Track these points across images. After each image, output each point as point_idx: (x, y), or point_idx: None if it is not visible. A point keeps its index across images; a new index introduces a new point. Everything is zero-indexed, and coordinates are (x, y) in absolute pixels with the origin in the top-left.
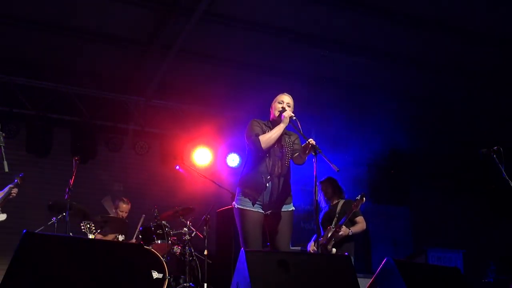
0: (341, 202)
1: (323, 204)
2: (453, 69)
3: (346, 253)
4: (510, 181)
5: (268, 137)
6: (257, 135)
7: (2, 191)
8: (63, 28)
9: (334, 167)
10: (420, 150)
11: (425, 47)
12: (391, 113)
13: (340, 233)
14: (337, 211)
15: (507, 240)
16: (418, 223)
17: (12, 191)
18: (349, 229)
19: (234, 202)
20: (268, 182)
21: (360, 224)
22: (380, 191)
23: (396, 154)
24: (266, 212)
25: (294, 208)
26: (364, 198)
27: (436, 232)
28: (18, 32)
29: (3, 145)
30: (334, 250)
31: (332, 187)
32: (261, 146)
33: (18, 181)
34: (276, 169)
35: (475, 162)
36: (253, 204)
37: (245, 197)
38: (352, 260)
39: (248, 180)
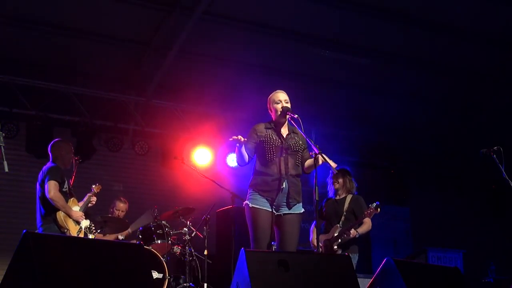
0: (349, 197)
1: (330, 193)
2: (453, 68)
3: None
4: (510, 181)
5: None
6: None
7: (82, 201)
8: (63, 28)
9: (333, 169)
10: (420, 150)
11: (427, 47)
12: (391, 113)
13: (351, 235)
14: (344, 208)
15: (507, 240)
16: (418, 223)
17: (91, 199)
18: (357, 231)
19: (246, 201)
20: (284, 182)
21: (367, 224)
22: (380, 191)
23: (396, 154)
24: (278, 213)
25: (304, 211)
26: (379, 209)
27: (436, 232)
28: (18, 32)
29: (3, 145)
30: (340, 250)
31: (343, 179)
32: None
33: (95, 189)
34: (289, 169)
35: (475, 162)
36: (270, 205)
37: (261, 196)
38: (356, 259)
39: (263, 181)
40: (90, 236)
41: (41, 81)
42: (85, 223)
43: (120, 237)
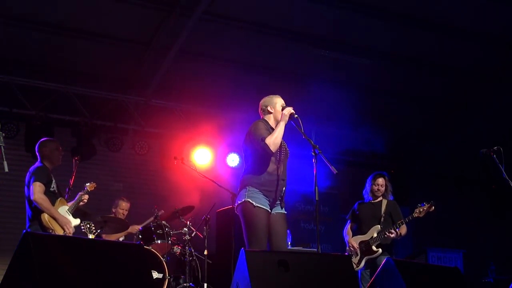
0: (385, 202)
1: (366, 195)
2: (452, 68)
3: (388, 255)
4: (510, 181)
5: (274, 139)
6: (263, 139)
7: (73, 200)
8: (63, 28)
9: (333, 169)
10: (420, 150)
11: (427, 47)
12: (392, 113)
13: (393, 235)
14: (382, 211)
15: (507, 240)
16: (418, 223)
17: (82, 198)
18: (400, 232)
19: (246, 199)
20: (284, 185)
21: (405, 228)
22: None
23: (396, 154)
24: (272, 212)
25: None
26: (433, 207)
27: (436, 232)
28: (18, 32)
29: (3, 145)
30: (380, 250)
31: (386, 184)
32: (270, 150)
33: (88, 187)
34: (284, 171)
35: (475, 162)
36: (269, 205)
37: (264, 196)
38: None
39: (269, 182)
40: (90, 236)
41: (41, 81)
42: (74, 222)
43: (121, 238)
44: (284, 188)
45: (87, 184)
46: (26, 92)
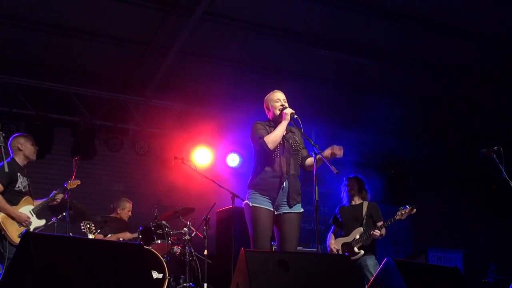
0: (366, 203)
1: (344, 200)
2: (453, 68)
3: (370, 256)
4: (510, 181)
5: (273, 137)
6: (262, 137)
7: (43, 199)
8: (63, 28)
9: (333, 169)
10: (420, 150)
11: (427, 47)
12: (392, 113)
13: (378, 233)
14: (363, 213)
15: (507, 240)
16: (418, 223)
17: (56, 197)
18: (381, 232)
19: (246, 201)
20: (285, 181)
21: (384, 229)
22: (380, 191)
23: (396, 154)
24: (278, 212)
25: (303, 210)
26: (415, 210)
27: (436, 232)
28: (19, 32)
29: (3, 145)
30: (362, 252)
31: (358, 186)
32: (268, 147)
33: (68, 186)
34: (290, 168)
35: (475, 162)
36: (270, 204)
37: (261, 195)
38: (376, 261)
39: (263, 181)
40: (90, 236)
41: (41, 81)
42: (37, 223)
43: (121, 239)
44: (285, 185)
45: (68, 181)
46: (26, 92)
